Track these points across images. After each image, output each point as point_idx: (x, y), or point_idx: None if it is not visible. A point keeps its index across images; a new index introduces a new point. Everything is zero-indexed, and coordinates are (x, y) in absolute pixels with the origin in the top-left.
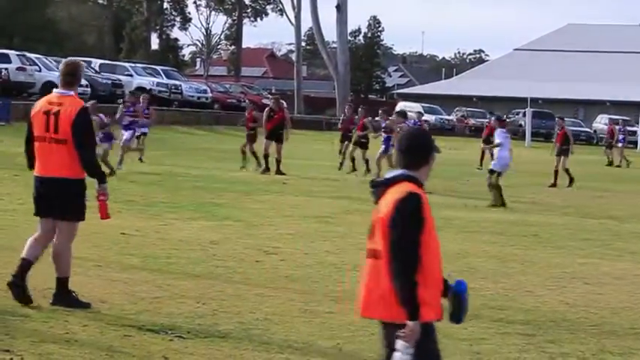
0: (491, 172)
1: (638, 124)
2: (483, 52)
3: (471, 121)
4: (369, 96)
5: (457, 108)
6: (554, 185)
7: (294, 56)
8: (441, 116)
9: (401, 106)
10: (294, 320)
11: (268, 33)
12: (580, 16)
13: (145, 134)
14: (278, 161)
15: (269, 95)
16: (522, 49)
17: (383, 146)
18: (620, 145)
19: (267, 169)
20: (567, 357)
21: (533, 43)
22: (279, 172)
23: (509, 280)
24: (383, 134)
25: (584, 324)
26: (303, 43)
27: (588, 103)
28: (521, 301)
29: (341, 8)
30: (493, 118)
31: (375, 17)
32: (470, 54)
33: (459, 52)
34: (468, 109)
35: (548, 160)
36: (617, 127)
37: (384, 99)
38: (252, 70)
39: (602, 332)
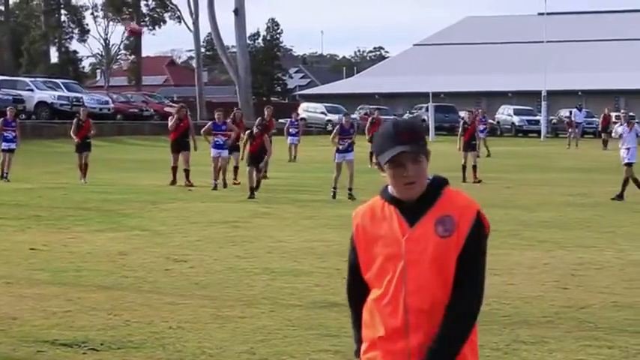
0: (630, 164)
1: (540, 113)
2: (383, 49)
3: None
4: (272, 98)
5: (360, 106)
6: (463, 181)
7: (194, 63)
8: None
9: (303, 107)
10: (206, 327)
11: (167, 41)
12: (478, 8)
13: (11, 150)
14: (186, 171)
15: (171, 103)
16: (422, 44)
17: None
18: (481, 135)
19: (175, 182)
20: (481, 349)
21: (433, 37)
22: (188, 182)
23: None
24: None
25: (496, 315)
26: (203, 49)
27: (490, 94)
28: None
29: (239, 12)
30: (622, 115)
31: (273, 20)
32: (370, 51)
33: (358, 50)
34: (371, 106)
35: (452, 152)
36: (478, 118)
37: (287, 101)
38: (153, 78)
39: (515, 322)
